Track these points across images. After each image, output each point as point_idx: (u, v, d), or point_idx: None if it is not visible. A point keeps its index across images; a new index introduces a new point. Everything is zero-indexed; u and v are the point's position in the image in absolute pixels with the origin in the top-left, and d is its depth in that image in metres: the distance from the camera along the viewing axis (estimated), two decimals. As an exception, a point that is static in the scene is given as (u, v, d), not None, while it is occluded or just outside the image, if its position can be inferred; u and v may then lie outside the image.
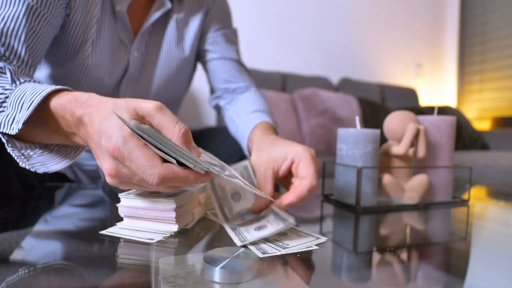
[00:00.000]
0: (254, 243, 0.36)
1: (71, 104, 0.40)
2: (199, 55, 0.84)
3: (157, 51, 0.76)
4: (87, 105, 0.39)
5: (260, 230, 0.37)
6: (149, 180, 0.33)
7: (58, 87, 0.43)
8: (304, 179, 0.46)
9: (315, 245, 0.36)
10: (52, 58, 0.68)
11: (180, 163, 0.33)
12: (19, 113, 0.43)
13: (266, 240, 0.37)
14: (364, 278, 0.32)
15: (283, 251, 0.34)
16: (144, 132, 0.33)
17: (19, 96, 0.44)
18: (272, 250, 0.34)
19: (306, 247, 0.36)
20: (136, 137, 0.33)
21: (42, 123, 0.44)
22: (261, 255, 0.32)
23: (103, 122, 0.35)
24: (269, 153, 0.51)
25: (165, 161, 0.34)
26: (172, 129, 0.35)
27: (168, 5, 0.72)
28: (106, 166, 0.35)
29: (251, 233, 0.37)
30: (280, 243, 0.36)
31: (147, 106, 0.36)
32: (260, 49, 2.36)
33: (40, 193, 0.63)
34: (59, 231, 0.42)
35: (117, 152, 0.33)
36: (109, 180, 0.37)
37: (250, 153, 0.68)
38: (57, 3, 0.59)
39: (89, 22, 0.65)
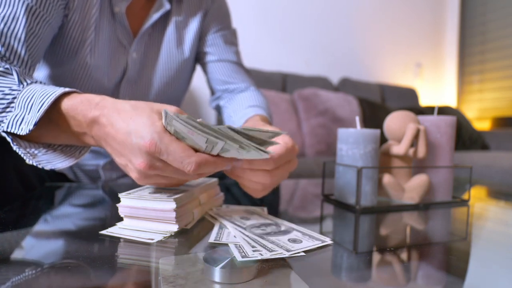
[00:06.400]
0: (235, 242, 0.35)
1: (83, 105, 0.42)
2: (198, 57, 0.84)
3: (157, 53, 0.76)
4: (101, 106, 0.41)
5: (296, 242, 0.37)
6: (186, 168, 0.36)
7: (67, 89, 0.45)
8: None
9: (304, 252, 0.34)
10: (51, 58, 0.68)
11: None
12: (28, 114, 0.44)
13: (259, 240, 0.37)
14: (364, 278, 0.32)
15: (266, 256, 0.32)
16: (196, 122, 0.35)
17: (27, 97, 0.44)
18: (253, 254, 0.32)
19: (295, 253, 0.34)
20: (168, 133, 0.36)
21: (51, 124, 0.45)
22: (240, 259, 0.30)
23: (130, 122, 0.37)
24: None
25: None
26: None
27: (167, 6, 0.72)
28: (139, 162, 0.37)
29: (288, 244, 0.36)
30: (269, 245, 0.35)
31: (170, 110, 0.39)
32: (261, 50, 2.36)
33: (40, 193, 0.63)
34: (59, 231, 0.42)
35: (154, 148, 0.35)
36: (135, 175, 0.39)
37: None
38: (56, 4, 0.59)
39: (87, 23, 0.65)
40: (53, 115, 0.44)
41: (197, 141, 0.36)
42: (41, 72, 0.71)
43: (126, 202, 0.40)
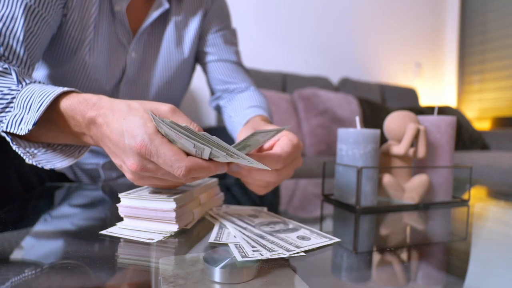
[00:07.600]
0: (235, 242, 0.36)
1: (81, 105, 0.42)
2: (198, 57, 0.84)
3: (156, 52, 0.76)
4: (99, 106, 0.41)
5: (305, 240, 0.37)
6: (176, 173, 0.35)
7: (66, 89, 0.45)
8: (282, 140, 0.45)
9: (304, 252, 0.34)
10: (50, 58, 0.68)
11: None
12: (27, 114, 0.44)
13: (259, 240, 0.37)
14: (364, 278, 0.31)
15: (266, 256, 0.32)
16: (181, 127, 0.34)
17: (26, 97, 0.44)
18: (253, 254, 0.32)
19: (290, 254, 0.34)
20: (160, 135, 0.36)
21: (50, 124, 0.45)
22: (240, 259, 0.31)
23: (123, 122, 0.37)
24: (256, 128, 0.52)
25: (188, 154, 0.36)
26: None
27: (166, 4, 0.72)
28: (131, 163, 0.37)
29: (297, 241, 0.37)
30: (269, 244, 0.35)
31: (163, 108, 0.39)
32: (261, 49, 2.36)
33: (40, 193, 0.63)
34: (59, 231, 0.42)
35: (145, 149, 0.35)
36: (129, 176, 0.39)
37: None
38: (54, 3, 0.59)
39: (86, 22, 0.65)
40: (52, 115, 0.44)
41: (186, 145, 0.35)
42: (40, 72, 0.71)
43: (126, 202, 0.40)
